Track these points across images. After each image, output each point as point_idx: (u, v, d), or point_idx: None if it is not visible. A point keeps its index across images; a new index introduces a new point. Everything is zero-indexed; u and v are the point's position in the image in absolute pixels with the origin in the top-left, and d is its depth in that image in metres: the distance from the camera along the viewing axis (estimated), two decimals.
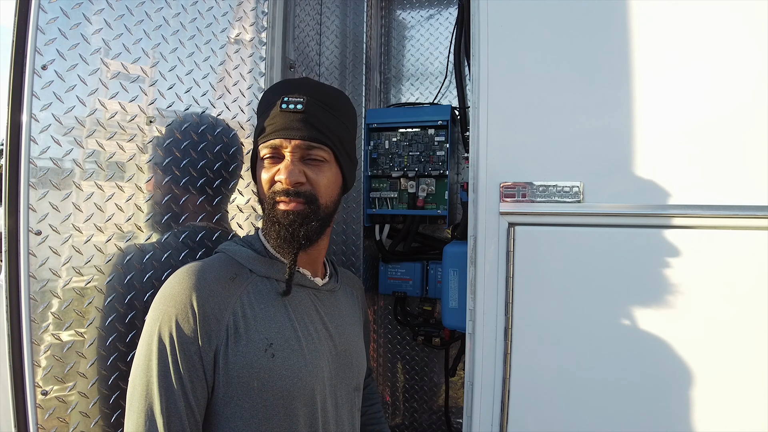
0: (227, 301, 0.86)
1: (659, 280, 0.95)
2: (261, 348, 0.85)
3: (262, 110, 0.96)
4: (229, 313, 0.85)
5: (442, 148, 1.64)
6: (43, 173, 0.91)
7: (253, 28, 1.23)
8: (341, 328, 1.00)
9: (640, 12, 0.98)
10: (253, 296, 0.89)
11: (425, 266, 1.74)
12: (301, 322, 0.93)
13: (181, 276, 0.85)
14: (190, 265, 0.88)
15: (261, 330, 0.87)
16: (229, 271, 0.89)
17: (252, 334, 0.85)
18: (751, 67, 0.93)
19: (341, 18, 1.82)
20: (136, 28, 1.03)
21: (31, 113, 0.89)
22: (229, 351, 0.84)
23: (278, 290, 0.92)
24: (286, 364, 0.86)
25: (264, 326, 0.87)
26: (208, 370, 0.83)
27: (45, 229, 0.91)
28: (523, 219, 1.04)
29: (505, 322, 1.04)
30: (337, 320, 1.01)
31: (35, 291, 0.90)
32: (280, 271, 0.94)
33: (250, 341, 0.85)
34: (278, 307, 0.91)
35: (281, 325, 0.89)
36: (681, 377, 0.94)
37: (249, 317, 0.87)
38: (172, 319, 0.82)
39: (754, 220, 0.91)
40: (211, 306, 0.83)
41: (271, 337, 0.87)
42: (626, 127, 0.98)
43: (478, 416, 1.06)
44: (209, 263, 0.89)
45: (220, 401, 0.85)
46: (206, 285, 0.85)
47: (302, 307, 0.95)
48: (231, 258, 0.92)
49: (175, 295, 0.83)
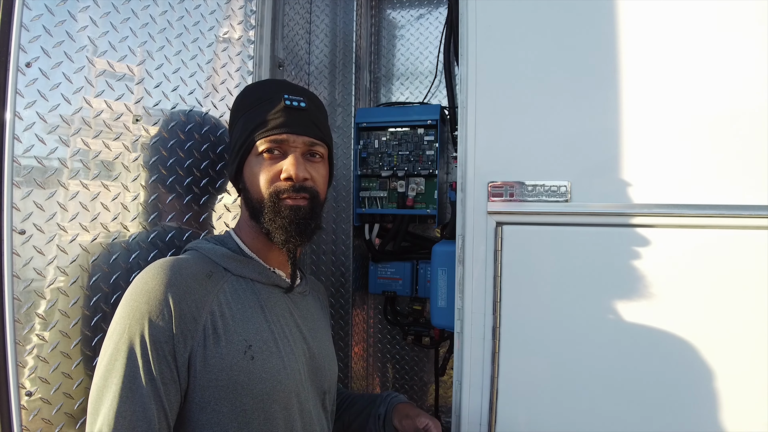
0: (204, 299, 0.82)
1: (646, 280, 0.96)
2: (240, 350, 0.82)
3: (251, 105, 0.94)
4: (206, 312, 0.82)
5: (432, 147, 1.65)
6: (27, 172, 0.90)
7: (241, 27, 1.23)
8: (314, 332, 0.99)
9: (628, 13, 0.99)
10: (230, 296, 0.86)
11: (415, 266, 1.74)
12: (276, 324, 0.90)
13: (155, 272, 0.81)
14: (163, 261, 0.84)
15: (239, 331, 0.84)
16: (204, 269, 0.86)
17: (231, 335, 0.82)
18: (738, 69, 0.94)
19: (331, 17, 1.82)
20: (122, 25, 1.02)
21: (15, 111, 0.88)
22: (207, 352, 0.80)
23: (254, 290, 0.90)
24: (265, 367, 0.84)
25: (242, 327, 0.85)
26: (182, 373, 0.79)
27: (29, 228, 0.90)
28: (511, 218, 1.04)
29: (493, 321, 1.04)
30: (310, 323, 0.99)
31: (19, 291, 0.89)
32: (255, 271, 0.92)
33: (230, 342, 0.82)
34: (255, 308, 0.89)
35: (259, 326, 0.87)
36: (670, 376, 0.95)
37: (227, 317, 0.84)
38: (144, 317, 0.77)
39: (741, 220, 0.92)
40: (188, 303, 0.80)
41: (250, 338, 0.84)
42: (614, 128, 0.99)
43: (466, 415, 1.06)
44: (183, 260, 0.85)
45: (195, 406, 0.81)
46: (182, 281, 0.81)
47: (277, 309, 0.93)
48: (204, 256, 0.90)
49: (148, 291, 0.79)
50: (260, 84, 0.99)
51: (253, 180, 0.92)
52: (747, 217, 0.91)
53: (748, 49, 0.93)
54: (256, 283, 0.91)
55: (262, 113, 0.92)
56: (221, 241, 0.94)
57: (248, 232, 0.96)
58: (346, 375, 1.77)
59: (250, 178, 0.93)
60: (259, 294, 0.91)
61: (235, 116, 0.97)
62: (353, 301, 1.77)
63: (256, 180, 0.91)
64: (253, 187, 0.92)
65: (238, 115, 0.96)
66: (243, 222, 0.97)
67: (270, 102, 0.92)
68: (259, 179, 0.91)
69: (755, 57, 0.92)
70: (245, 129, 0.93)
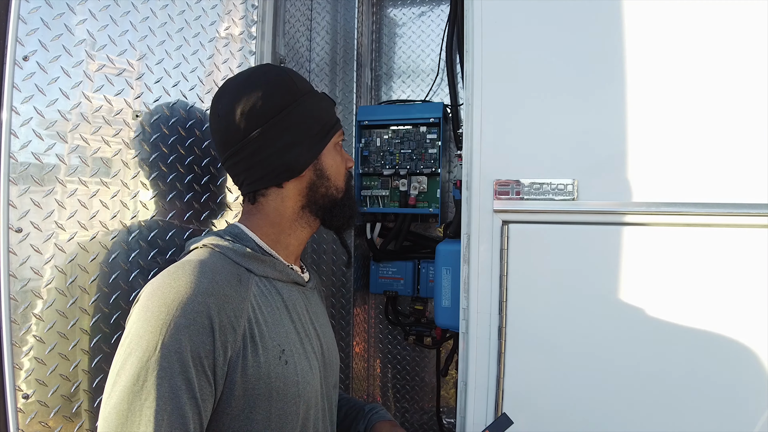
0: (241, 306, 0.77)
1: (653, 278, 0.95)
2: (276, 356, 0.79)
3: (308, 92, 0.91)
4: (244, 320, 0.77)
5: (434, 145, 1.63)
6: (24, 168, 0.88)
7: (242, 22, 1.21)
8: (323, 327, 0.98)
9: (635, 10, 0.98)
10: (259, 299, 0.82)
11: (417, 265, 1.72)
12: (299, 323, 0.88)
13: (186, 278, 0.73)
14: (189, 264, 0.76)
15: (273, 336, 0.81)
16: (233, 272, 0.80)
17: (266, 342, 0.79)
18: (744, 68, 0.93)
19: (332, 14, 1.80)
20: (122, 19, 1.00)
21: (12, 106, 0.86)
22: (248, 362, 0.75)
23: (277, 290, 0.86)
24: (297, 370, 0.82)
25: (275, 332, 0.81)
26: (219, 386, 0.74)
27: (26, 226, 0.88)
28: (517, 217, 1.03)
29: (499, 321, 1.03)
30: (320, 318, 0.98)
31: (16, 291, 0.87)
32: (277, 270, 0.88)
33: (266, 350, 0.78)
34: (282, 309, 0.86)
35: (287, 328, 0.85)
36: (675, 376, 0.94)
37: (261, 323, 0.80)
38: (181, 331, 0.69)
39: (748, 218, 0.91)
40: (227, 313, 0.74)
41: (282, 342, 0.82)
42: (620, 125, 0.98)
43: (471, 416, 1.05)
44: (211, 263, 0.78)
45: (227, 416, 0.75)
46: (219, 288, 0.75)
47: (298, 308, 0.90)
48: (224, 256, 0.82)
49: (182, 301, 0.71)
50: (293, 74, 0.92)
51: (338, 169, 0.94)
52: (756, 215, 0.90)
53: (753, 48, 0.92)
54: (277, 282, 0.88)
55: (325, 104, 0.94)
56: (238, 237, 0.87)
57: (268, 227, 0.90)
58: (346, 375, 1.76)
59: (333, 166, 0.93)
60: (282, 293, 0.87)
61: (289, 98, 0.89)
62: (354, 300, 1.75)
63: (340, 169, 0.94)
64: (335, 176, 0.93)
65: (294, 97, 0.89)
66: (262, 216, 0.91)
67: (316, 94, 0.93)
68: (340, 168, 0.94)
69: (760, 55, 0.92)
70: (321, 116, 0.92)
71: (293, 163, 0.88)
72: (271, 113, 0.86)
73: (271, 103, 0.86)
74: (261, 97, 0.86)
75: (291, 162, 0.88)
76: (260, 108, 0.85)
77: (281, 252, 0.91)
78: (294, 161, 0.88)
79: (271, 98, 0.86)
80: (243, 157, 0.87)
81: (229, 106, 0.86)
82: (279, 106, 0.87)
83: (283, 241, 0.91)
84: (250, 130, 0.85)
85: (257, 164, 0.87)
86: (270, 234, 0.90)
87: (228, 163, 0.89)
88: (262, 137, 0.86)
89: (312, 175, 0.91)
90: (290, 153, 0.88)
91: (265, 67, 0.92)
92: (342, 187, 0.94)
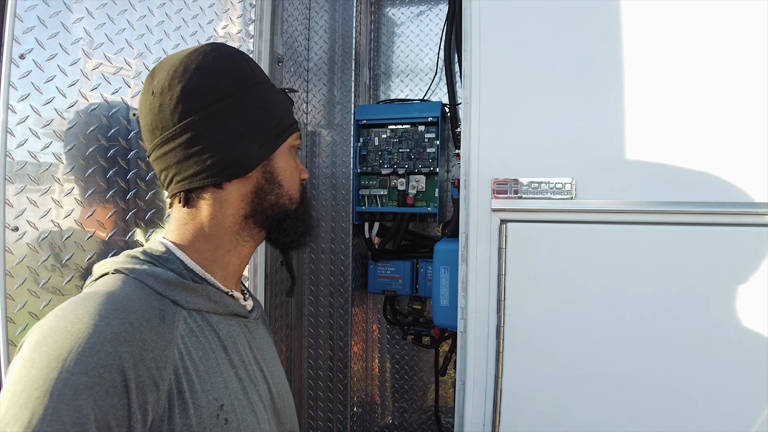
0: (165, 353, 0.58)
1: (651, 277, 0.95)
2: (212, 414, 0.61)
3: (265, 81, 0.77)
4: (169, 372, 0.58)
5: (433, 145, 1.63)
6: (21, 167, 0.88)
7: (240, 21, 1.21)
8: (271, 365, 0.80)
9: (633, 8, 0.98)
10: (188, 341, 0.63)
11: (415, 264, 1.72)
12: (241, 366, 0.70)
13: (88, 319, 0.54)
14: (93, 299, 0.57)
15: (208, 389, 0.62)
16: (154, 307, 0.61)
17: (199, 397, 0.61)
18: (743, 68, 0.93)
19: (330, 13, 1.80)
20: (119, 17, 1.00)
21: (8, 104, 0.86)
22: (175, 427, 0.57)
23: (211, 327, 0.68)
24: (240, 429, 0.65)
25: (210, 383, 0.63)
26: None
27: (22, 225, 0.88)
28: (515, 216, 1.03)
29: (497, 320, 1.02)
30: (266, 355, 0.80)
31: (12, 289, 0.87)
32: (211, 300, 0.69)
33: (199, 407, 0.60)
34: (217, 351, 0.67)
35: (227, 376, 0.66)
36: (673, 375, 0.94)
37: (191, 373, 0.61)
38: (81, 394, 0.50)
39: (747, 217, 0.91)
40: (146, 365, 0.55)
41: (220, 395, 0.64)
42: (618, 124, 0.98)
43: (470, 416, 1.05)
44: (124, 295, 0.59)
45: None
46: (135, 332, 0.56)
47: (239, 346, 0.72)
48: (143, 285, 0.63)
49: (84, 352, 0.51)
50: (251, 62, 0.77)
51: (292, 175, 0.78)
52: (754, 214, 0.90)
53: (752, 47, 0.92)
54: (212, 315, 0.69)
55: (284, 100, 0.79)
56: (161, 260, 0.68)
57: (202, 241, 0.72)
58: (345, 375, 1.75)
59: (286, 171, 0.77)
60: (217, 330, 0.69)
61: (243, 82, 0.73)
62: (352, 300, 1.75)
63: (294, 176, 0.79)
64: (289, 183, 0.77)
65: (248, 82, 0.74)
66: (194, 226, 0.72)
67: (275, 86, 0.78)
68: (294, 175, 0.79)
69: (759, 55, 0.92)
70: (279, 111, 0.76)
71: (238, 160, 0.71)
72: (218, 96, 0.70)
73: (221, 84, 0.70)
74: (208, 75, 0.70)
75: (236, 158, 0.71)
76: (205, 88, 0.69)
77: (218, 275, 0.73)
78: (240, 157, 0.71)
79: (220, 78, 0.70)
80: (176, 146, 0.69)
81: (166, 82, 0.69)
82: (230, 89, 0.70)
83: (221, 259, 0.74)
84: (190, 112, 0.68)
85: (193, 157, 0.69)
86: (204, 251, 0.72)
87: (156, 154, 0.71)
88: (204, 124, 0.69)
89: (260, 178, 0.74)
90: (236, 147, 0.71)
91: (216, 44, 0.75)
92: (296, 198, 0.79)
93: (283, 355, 1.61)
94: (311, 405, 1.79)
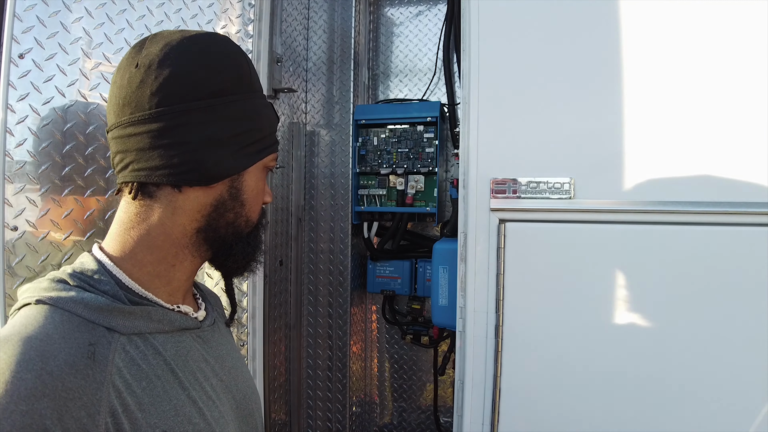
0: (97, 397, 0.52)
1: (648, 276, 0.95)
2: None
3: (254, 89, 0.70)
4: (104, 416, 0.52)
5: (431, 144, 1.63)
6: (20, 166, 0.88)
7: (239, 20, 1.21)
8: (233, 371, 0.75)
9: (630, 8, 0.98)
10: (126, 373, 0.57)
11: (414, 264, 1.73)
12: (196, 386, 0.65)
13: (4, 373, 0.48)
14: (7, 347, 0.50)
15: (154, 422, 0.57)
16: (81, 343, 0.54)
17: None
18: (742, 67, 0.93)
19: (329, 13, 1.80)
20: (118, 17, 1.00)
21: (7, 104, 0.86)
22: None
23: (156, 350, 0.62)
24: None
25: (156, 414, 0.58)
26: None
27: (21, 224, 0.88)
28: (514, 215, 1.03)
29: (495, 319, 1.03)
30: (227, 360, 0.75)
31: (11, 289, 0.87)
32: (154, 320, 0.63)
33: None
34: (164, 377, 0.61)
35: (177, 402, 0.61)
36: (673, 375, 0.94)
37: (132, 409, 0.55)
38: None
39: (744, 217, 0.91)
40: (74, 414, 0.50)
41: (170, 426, 0.59)
42: (617, 124, 0.98)
43: (468, 415, 1.05)
44: (42, 335, 0.52)
45: None
46: (56, 382, 0.50)
47: (191, 363, 0.66)
48: (69, 315, 0.56)
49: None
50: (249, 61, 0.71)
51: (257, 197, 0.72)
52: (751, 214, 0.91)
53: (750, 47, 0.93)
54: (157, 335, 0.63)
55: (273, 116, 0.73)
56: (92, 282, 0.60)
57: (145, 251, 0.65)
58: (344, 375, 1.76)
59: (253, 191, 0.71)
60: (164, 351, 0.63)
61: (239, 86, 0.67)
62: (351, 300, 1.75)
63: (258, 198, 0.72)
64: (251, 204, 0.71)
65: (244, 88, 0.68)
66: (139, 232, 0.65)
67: (268, 101, 0.72)
68: (258, 198, 0.72)
69: (757, 55, 0.92)
70: (265, 126, 0.70)
71: (207, 166, 0.64)
72: (207, 93, 0.63)
73: (214, 82, 0.64)
74: (204, 68, 0.63)
75: (205, 163, 0.64)
76: (197, 80, 0.63)
77: (161, 290, 0.66)
78: (209, 164, 0.64)
79: (215, 75, 0.64)
80: (143, 131, 0.62)
81: (156, 58, 0.62)
82: (221, 89, 0.65)
83: (164, 274, 0.66)
84: (171, 101, 0.62)
85: (159, 149, 0.62)
86: (146, 264, 0.65)
87: (118, 132, 0.63)
88: (182, 117, 0.62)
89: (224, 192, 0.67)
90: (208, 152, 0.64)
91: (221, 38, 0.69)
92: (253, 221, 0.72)
93: (282, 354, 1.61)
94: (310, 405, 1.79)
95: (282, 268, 1.62)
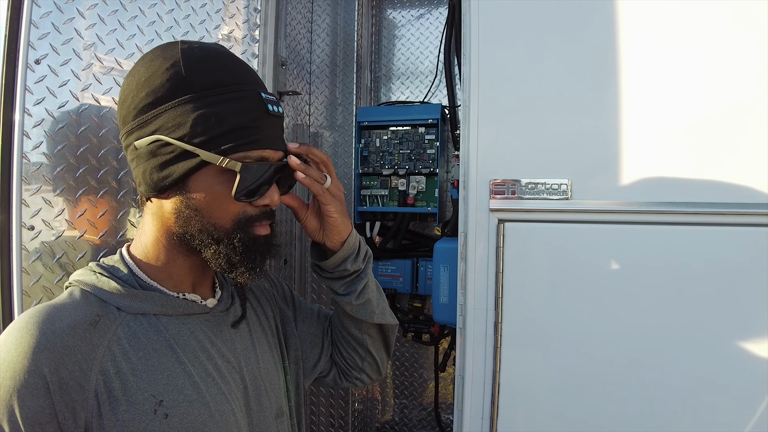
0: (91, 356, 0.64)
1: (646, 277, 0.97)
2: (149, 409, 0.65)
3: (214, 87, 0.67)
4: (95, 373, 0.63)
5: (433, 146, 1.66)
6: (36, 168, 0.91)
7: (245, 25, 1.24)
8: (246, 352, 0.81)
9: (629, 12, 1.00)
10: (126, 343, 0.67)
11: (415, 263, 1.75)
12: (195, 361, 0.72)
13: (18, 333, 0.62)
14: (30, 314, 0.64)
15: (144, 387, 0.66)
16: (88, 314, 0.66)
17: (133, 394, 0.65)
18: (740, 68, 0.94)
19: (332, 16, 1.83)
20: (129, 23, 1.03)
21: (24, 108, 0.89)
22: (105, 423, 0.63)
23: (158, 328, 0.71)
24: (185, 423, 0.68)
25: (147, 380, 0.67)
26: None
27: (37, 224, 0.91)
28: (513, 215, 1.05)
29: (495, 317, 1.05)
30: (238, 344, 0.81)
31: (27, 286, 0.90)
32: (157, 303, 0.72)
33: (132, 404, 0.65)
34: (162, 350, 0.70)
35: (170, 373, 0.69)
36: (670, 375, 0.95)
37: (125, 372, 0.65)
38: (10, 397, 0.59)
39: (741, 217, 0.92)
40: (68, 368, 0.62)
41: (160, 392, 0.67)
42: (614, 126, 0.99)
43: (468, 410, 1.07)
44: (57, 308, 0.65)
45: None
46: (57, 340, 0.62)
47: (193, 343, 0.74)
48: (89, 294, 0.69)
49: (11, 362, 0.60)
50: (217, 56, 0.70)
51: (214, 204, 0.70)
52: (748, 214, 0.92)
53: (748, 48, 0.94)
54: (161, 317, 0.72)
55: (238, 115, 0.68)
56: (111, 270, 0.72)
57: (153, 252, 0.74)
58: None
59: (206, 198, 0.69)
60: (166, 330, 0.71)
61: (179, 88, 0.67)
62: None
63: (220, 206, 0.70)
64: (211, 210, 0.70)
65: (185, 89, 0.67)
66: (148, 240, 0.74)
67: (243, 99, 0.69)
68: (225, 205, 0.70)
69: (755, 55, 0.93)
70: (214, 126, 0.67)
71: (149, 178, 0.69)
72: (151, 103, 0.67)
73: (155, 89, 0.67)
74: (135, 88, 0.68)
75: (149, 175, 0.70)
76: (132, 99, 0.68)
77: (166, 282, 0.75)
78: (148, 175, 0.70)
79: (156, 82, 0.67)
80: (126, 146, 0.72)
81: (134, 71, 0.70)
82: (163, 96, 0.67)
83: (164, 269, 0.75)
84: (135, 115, 0.68)
85: (134, 161, 0.71)
86: (150, 259, 0.75)
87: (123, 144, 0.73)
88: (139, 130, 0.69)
89: (179, 202, 0.70)
90: (147, 163, 0.69)
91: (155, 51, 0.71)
92: (224, 227, 0.71)
93: None
94: (312, 401, 1.82)
95: (287, 266, 1.65)
